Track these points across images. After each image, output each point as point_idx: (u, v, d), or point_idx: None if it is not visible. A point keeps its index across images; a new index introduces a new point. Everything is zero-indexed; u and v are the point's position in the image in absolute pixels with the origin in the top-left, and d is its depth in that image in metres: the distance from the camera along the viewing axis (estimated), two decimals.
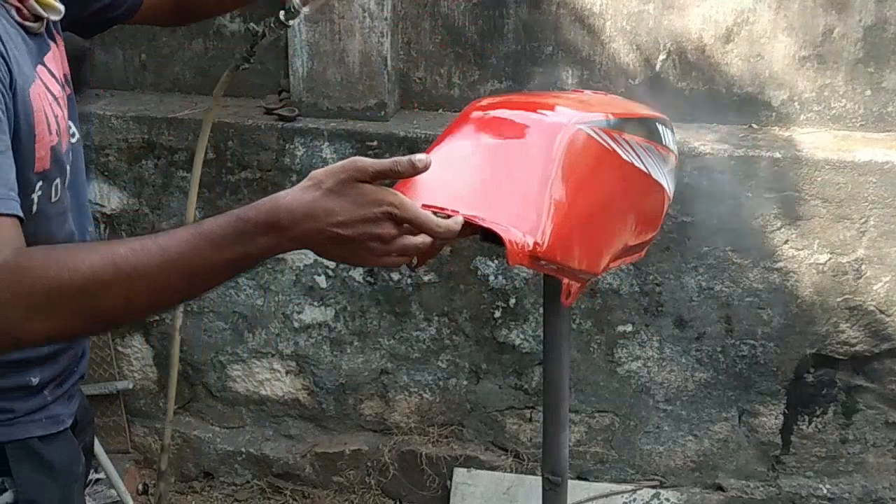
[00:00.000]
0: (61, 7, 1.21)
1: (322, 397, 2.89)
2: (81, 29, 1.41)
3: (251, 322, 2.84)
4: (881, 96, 2.54)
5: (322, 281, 2.75)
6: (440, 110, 2.75)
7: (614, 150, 1.27)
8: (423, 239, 1.03)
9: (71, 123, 1.25)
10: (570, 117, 1.26)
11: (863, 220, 2.45)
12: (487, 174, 1.21)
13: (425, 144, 2.35)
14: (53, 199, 1.18)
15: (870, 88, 2.54)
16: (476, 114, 1.32)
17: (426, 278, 2.70)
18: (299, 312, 2.80)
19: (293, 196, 1.00)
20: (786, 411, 2.66)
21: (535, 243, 1.12)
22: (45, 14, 1.18)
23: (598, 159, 1.25)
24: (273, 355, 2.87)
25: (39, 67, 1.17)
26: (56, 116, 1.16)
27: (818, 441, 2.68)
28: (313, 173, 1.01)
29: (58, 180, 1.18)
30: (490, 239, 1.12)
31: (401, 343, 2.78)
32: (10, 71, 1.07)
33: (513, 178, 1.19)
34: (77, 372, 1.36)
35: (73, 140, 1.26)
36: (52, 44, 1.24)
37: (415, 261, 1.18)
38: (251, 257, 1.00)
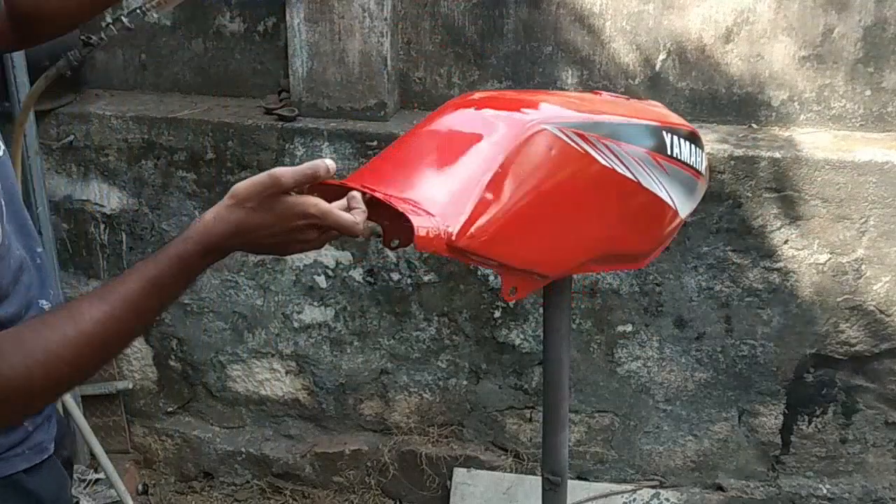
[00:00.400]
0: None
1: (322, 397, 2.89)
2: None
3: (251, 322, 2.84)
4: (881, 96, 2.54)
5: (322, 281, 2.75)
6: None
7: (587, 153, 1.23)
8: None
9: None
10: (540, 116, 1.23)
11: (863, 220, 2.45)
12: (438, 164, 1.22)
13: None
14: None
15: (869, 88, 2.54)
16: (451, 108, 1.32)
17: (426, 278, 2.70)
18: (299, 312, 2.80)
19: (219, 218, 1.07)
20: (786, 411, 2.66)
21: (459, 232, 1.11)
22: None
23: (563, 160, 1.22)
24: (273, 355, 2.87)
25: None
26: None
27: (818, 441, 2.68)
28: (235, 190, 1.07)
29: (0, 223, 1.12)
30: None
31: (401, 343, 2.78)
32: None
33: (460, 170, 1.19)
34: None
35: (1, 154, 1.18)
36: None
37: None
38: (196, 278, 1.10)
